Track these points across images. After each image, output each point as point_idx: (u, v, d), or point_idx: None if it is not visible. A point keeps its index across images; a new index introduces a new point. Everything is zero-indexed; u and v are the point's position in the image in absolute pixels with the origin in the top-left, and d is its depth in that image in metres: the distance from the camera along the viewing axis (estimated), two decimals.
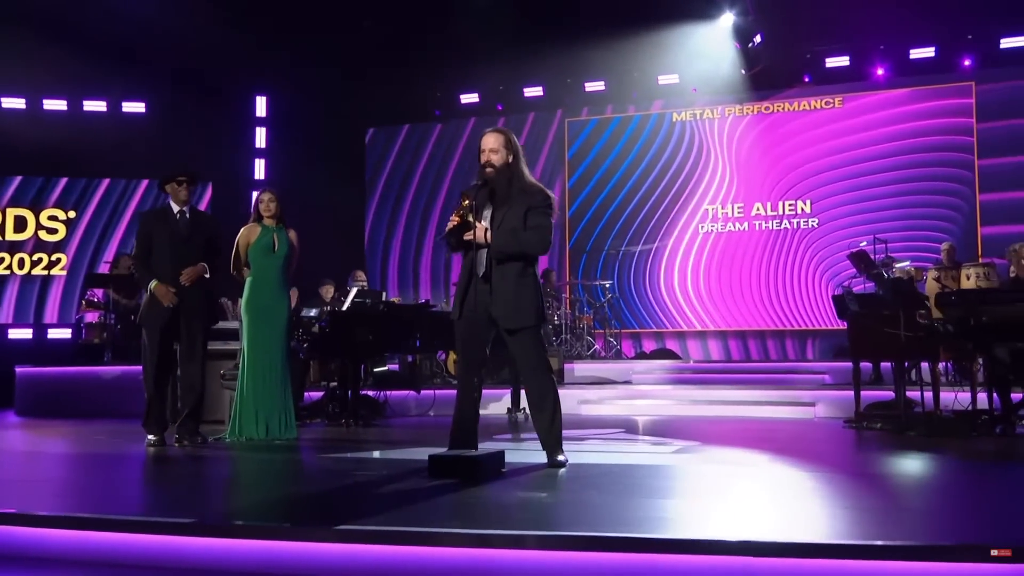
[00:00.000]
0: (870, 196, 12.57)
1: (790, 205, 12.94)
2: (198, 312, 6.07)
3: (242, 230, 6.51)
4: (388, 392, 8.88)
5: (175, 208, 6.11)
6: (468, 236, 4.54)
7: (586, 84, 13.66)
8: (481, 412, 9.15)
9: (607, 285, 12.34)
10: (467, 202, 4.58)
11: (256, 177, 14.07)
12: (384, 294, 9.74)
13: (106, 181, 13.99)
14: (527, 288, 4.58)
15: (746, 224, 13.12)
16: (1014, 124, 12.05)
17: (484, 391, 9.56)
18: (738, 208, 13.18)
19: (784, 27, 12.33)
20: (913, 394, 7.44)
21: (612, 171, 13.73)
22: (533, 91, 13.94)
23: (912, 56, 12.36)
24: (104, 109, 13.77)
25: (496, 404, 9.42)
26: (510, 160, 4.63)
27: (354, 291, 7.80)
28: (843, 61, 12.62)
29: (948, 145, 12.35)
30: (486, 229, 4.55)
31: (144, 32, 11.99)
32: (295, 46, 12.48)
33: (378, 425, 7.63)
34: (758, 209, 13.09)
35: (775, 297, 12.88)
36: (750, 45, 12.49)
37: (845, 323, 10.75)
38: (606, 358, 11.75)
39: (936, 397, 6.79)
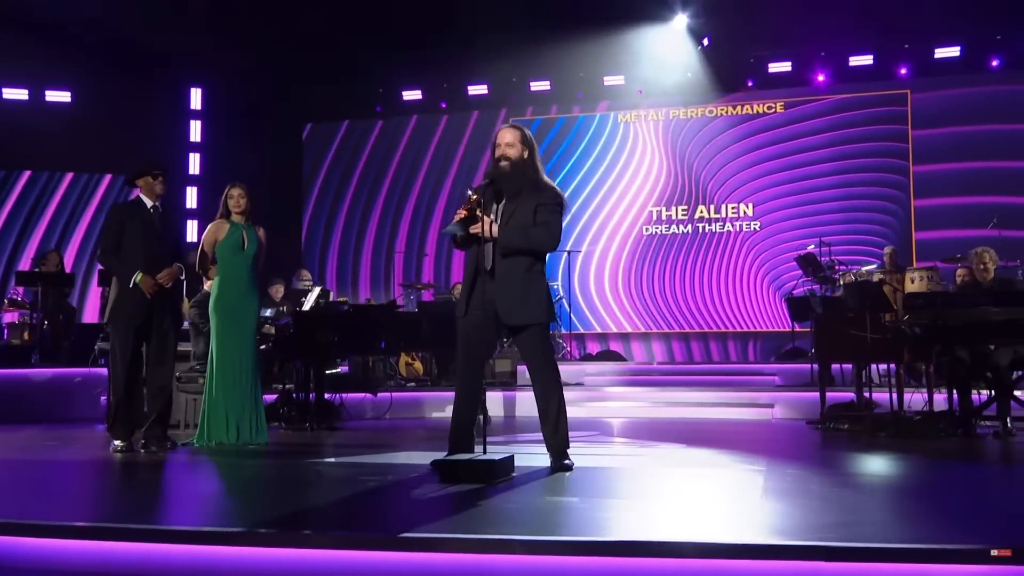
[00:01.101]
0: (810, 200, 12.90)
1: (733, 208, 13.18)
2: (170, 313, 5.85)
3: (209, 227, 6.31)
4: (343, 395, 8.70)
5: (148, 203, 5.88)
6: (475, 229, 4.47)
7: (531, 83, 13.67)
8: (430, 416, 9.11)
9: (555, 286, 12.33)
10: (475, 196, 4.52)
11: (191, 172, 13.67)
12: (331, 294, 9.56)
13: (27, 174, 13.41)
14: (534, 284, 4.54)
15: (690, 227, 13.32)
16: (947, 132, 12.52)
17: (424, 395, 9.53)
18: (682, 210, 13.37)
19: (730, 32, 12.56)
20: (875, 396, 7.65)
21: (556, 171, 13.75)
22: (478, 89, 13.89)
23: (851, 63, 12.74)
24: (26, 98, 13.18)
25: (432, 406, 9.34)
26: (525, 155, 4.60)
27: (317, 291, 7.62)
28: (785, 67, 12.92)
29: (885, 151, 12.76)
30: (492, 223, 4.48)
31: (71, 16, 11.51)
32: (233, 37, 12.16)
33: (340, 429, 7.47)
34: (701, 212, 13.30)
35: (718, 299, 13.10)
36: (699, 48, 12.68)
37: (793, 325, 11.08)
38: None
39: (900, 399, 6.99)
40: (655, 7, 12.26)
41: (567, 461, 4.50)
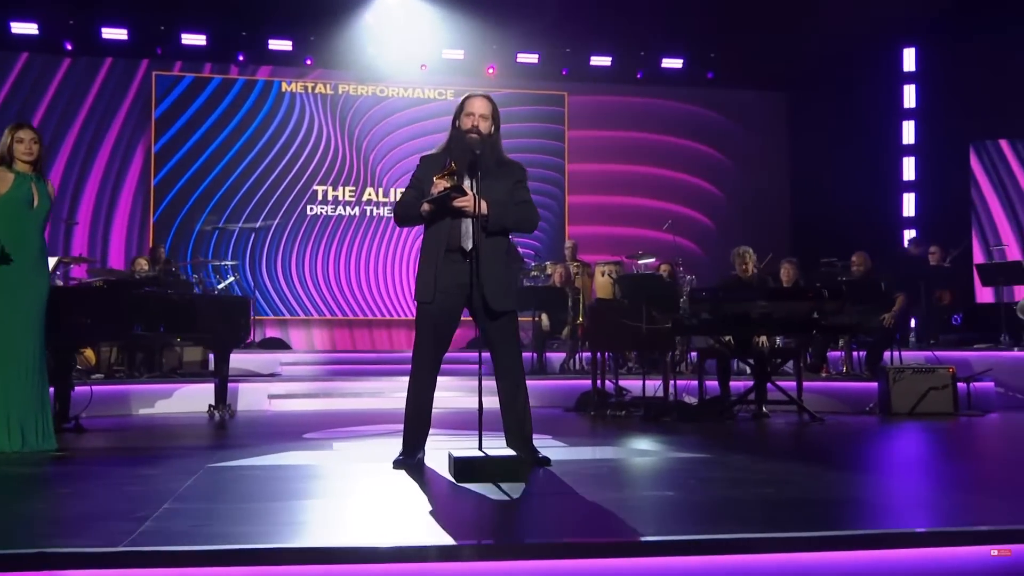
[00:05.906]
0: None
1: (401, 192, 13.39)
2: None
3: None
4: None
5: None
6: (462, 203, 4.29)
7: (183, 35, 12.62)
8: (138, 413, 8.24)
9: (231, 265, 11.52)
10: (455, 166, 4.33)
11: None
12: None
13: None
14: (511, 268, 4.52)
15: (357, 209, 13.32)
16: (596, 135, 14.06)
17: (129, 388, 8.57)
18: (349, 192, 13.33)
19: (410, 13, 12.74)
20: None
21: (209, 138, 12.94)
22: (114, 33, 12.48)
23: (519, 60, 13.65)
24: None
25: (165, 401, 8.47)
26: (493, 130, 4.50)
27: (52, 261, 6.38)
28: (458, 55, 13.44)
29: (545, 148, 13.93)
30: (478, 198, 4.30)
31: None
32: None
33: (88, 429, 6.43)
34: (370, 194, 13.38)
35: (384, 286, 13.29)
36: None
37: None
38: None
39: (666, 385, 7.81)
40: None
41: (541, 455, 4.51)
